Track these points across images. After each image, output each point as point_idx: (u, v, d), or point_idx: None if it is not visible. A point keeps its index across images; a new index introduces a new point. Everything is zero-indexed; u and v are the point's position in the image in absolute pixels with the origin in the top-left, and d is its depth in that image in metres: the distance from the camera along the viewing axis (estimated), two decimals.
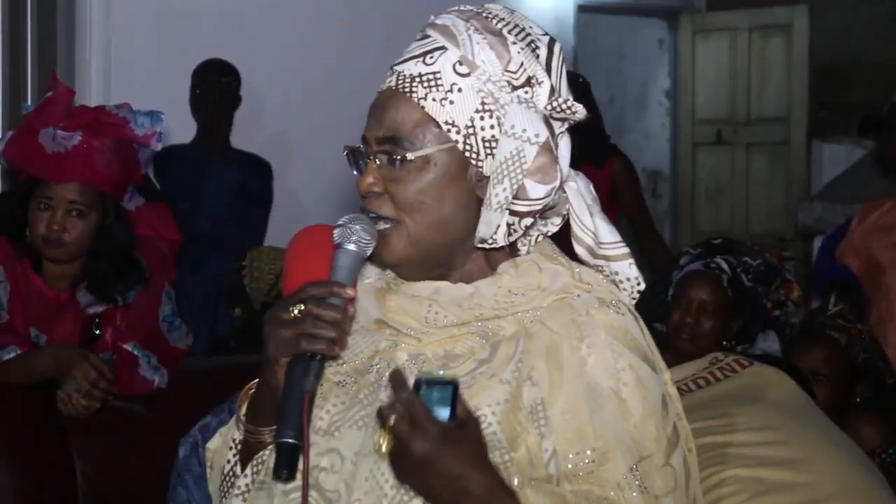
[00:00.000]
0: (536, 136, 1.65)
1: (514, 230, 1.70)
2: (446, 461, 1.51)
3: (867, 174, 5.52)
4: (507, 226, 1.69)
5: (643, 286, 1.78)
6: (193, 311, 4.82)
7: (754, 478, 2.36)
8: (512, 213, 1.68)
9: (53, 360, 2.99)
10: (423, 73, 1.68)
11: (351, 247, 1.66)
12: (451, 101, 1.66)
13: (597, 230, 1.77)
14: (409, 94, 1.67)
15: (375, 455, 1.61)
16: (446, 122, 1.66)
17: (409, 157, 1.66)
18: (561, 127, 1.72)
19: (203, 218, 5.20)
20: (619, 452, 1.63)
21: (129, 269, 3.18)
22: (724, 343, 3.13)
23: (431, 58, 1.68)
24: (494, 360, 1.68)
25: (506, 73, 1.68)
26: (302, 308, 1.61)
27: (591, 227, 1.77)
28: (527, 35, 1.71)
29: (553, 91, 1.70)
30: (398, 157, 1.67)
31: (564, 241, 1.80)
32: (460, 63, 1.67)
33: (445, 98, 1.66)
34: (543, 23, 1.91)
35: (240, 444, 1.78)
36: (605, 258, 1.78)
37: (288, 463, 1.58)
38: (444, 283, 1.72)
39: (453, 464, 1.51)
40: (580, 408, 1.64)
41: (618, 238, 1.78)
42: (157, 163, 4.54)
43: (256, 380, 1.76)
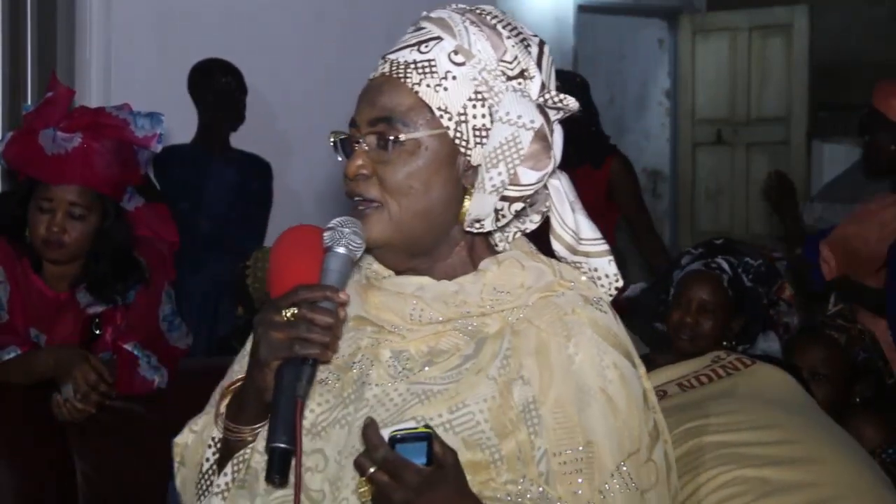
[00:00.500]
0: (532, 122, 1.67)
1: (502, 215, 1.71)
2: None
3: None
4: (496, 211, 1.70)
5: (621, 283, 1.79)
6: (193, 311, 4.82)
7: (760, 478, 2.36)
8: (502, 199, 1.69)
9: (53, 360, 2.99)
10: (417, 60, 1.69)
11: (341, 250, 1.65)
12: (445, 88, 1.68)
13: (578, 227, 1.78)
14: (403, 79, 1.69)
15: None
16: (439, 108, 1.68)
17: (401, 137, 1.67)
18: (556, 115, 1.73)
19: (203, 218, 5.19)
20: (607, 450, 1.64)
21: (129, 269, 3.18)
22: (725, 343, 3.13)
23: (426, 46, 1.70)
24: (480, 356, 1.69)
25: (501, 63, 1.70)
26: (295, 311, 1.61)
27: (572, 224, 1.77)
28: (519, 33, 1.74)
29: (544, 86, 1.72)
30: (390, 138, 1.67)
31: (540, 239, 1.81)
32: (455, 52, 1.69)
33: (440, 85, 1.68)
34: (543, 23, 1.92)
35: (219, 443, 1.76)
36: (585, 254, 1.78)
37: (281, 468, 1.58)
38: (427, 280, 1.72)
39: None
40: (569, 406, 1.65)
41: (598, 235, 1.79)
42: (157, 163, 4.53)
43: (235, 378, 1.76)
